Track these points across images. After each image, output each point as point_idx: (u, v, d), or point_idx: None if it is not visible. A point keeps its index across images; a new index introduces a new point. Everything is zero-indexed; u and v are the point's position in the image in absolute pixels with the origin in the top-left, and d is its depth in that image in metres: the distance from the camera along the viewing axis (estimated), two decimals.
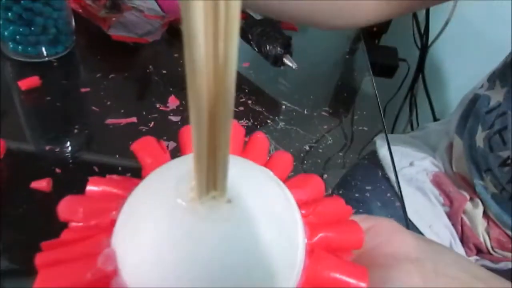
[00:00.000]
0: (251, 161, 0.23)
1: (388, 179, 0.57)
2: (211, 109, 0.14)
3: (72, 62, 0.57)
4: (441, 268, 0.26)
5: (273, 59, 0.59)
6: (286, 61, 0.59)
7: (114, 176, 0.25)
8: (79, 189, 0.24)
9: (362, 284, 0.22)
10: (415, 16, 1.04)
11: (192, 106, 0.14)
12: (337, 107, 0.61)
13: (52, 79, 0.53)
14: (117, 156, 0.46)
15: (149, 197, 0.19)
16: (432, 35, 1.01)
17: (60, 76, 0.54)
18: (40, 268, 0.19)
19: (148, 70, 0.58)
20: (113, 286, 0.18)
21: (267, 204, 0.19)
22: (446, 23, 0.96)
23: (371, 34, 1.07)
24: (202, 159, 0.16)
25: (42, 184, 0.39)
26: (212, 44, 0.12)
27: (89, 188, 0.24)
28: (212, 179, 0.17)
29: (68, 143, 0.46)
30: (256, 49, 0.61)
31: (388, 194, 0.56)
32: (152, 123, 0.51)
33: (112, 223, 0.21)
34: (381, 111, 0.62)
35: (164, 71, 0.58)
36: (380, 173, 0.58)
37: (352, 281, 0.22)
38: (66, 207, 0.22)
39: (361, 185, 0.53)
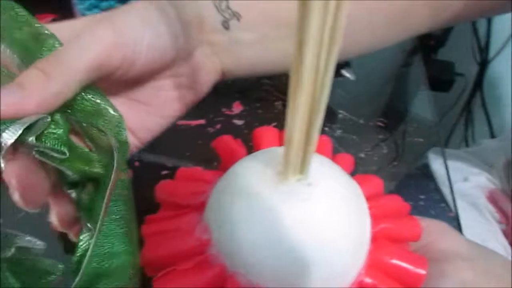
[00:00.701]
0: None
1: (441, 192, 0.58)
2: (308, 105, 0.17)
3: None
4: (492, 268, 0.27)
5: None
6: (344, 72, 0.62)
7: (199, 168, 0.29)
8: (155, 183, 0.27)
9: (421, 271, 0.24)
10: (475, 31, 1.03)
11: (292, 100, 0.17)
12: (392, 118, 0.63)
13: None
14: (188, 154, 0.50)
15: (238, 180, 0.22)
16: (493, 50, 0.99)
17: None
18: (146, 237, 0.23)
19: None
20: (209, 252, 0.22)
21: (341, 190, 0.22)
22: (508, 39, 0.95)
23: (428, 47, 1.07)
24: (294, 147, 0.19)
25: None
26: (318, 50, 0.15)
27: (180, 175, 0.28)
28: (298, 164, 0.20)
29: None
30: None
31: (442, 205, 0.56)
32: (219, 125, 0.55)
33: (203, 204, 0.25)
34: (436, 125, 0.63)
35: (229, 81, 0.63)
36: (433, 186, 0.58)
37: (411, 267, 0.24)
38: (161, 190, 0.26)
39: (415, 194, 0.54)
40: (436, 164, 0.60)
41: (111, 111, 0.23)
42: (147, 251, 0.22)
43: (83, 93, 0.21)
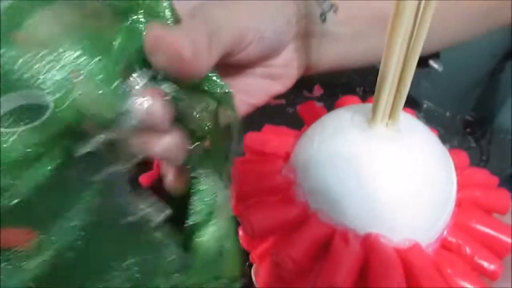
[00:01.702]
0: None
1: None
2: (406, 42, 0.18)
3: None
4: None
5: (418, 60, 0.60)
6: (432, 63, 0.60)
7: (284, 127, 0.30)
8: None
9: (508, 240, 0.23)
10: None
11: (388, 48, 0.18)
12: (482, 114, 0.60)
13: None
14: None
15: (326, 126, 0.23)
16: None
17: None
18: (235, 174, 0.25)
19: None
20: (293, 191, 0.23)
21: (431, 142, 0.22)
22: None
23: None
24: (385, 90, 0.20)
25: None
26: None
27: (266, 130, 0.29)
28: (388, 109, 0.21)
29: None
30: None
31: None
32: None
33: (288, 154, 0.26)
34: None
35: None
36: None
37: (497, 235, 0.23)
38: (249, 139, 0.28)
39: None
40: None
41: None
42: (237, 185, 0.23)
43: None
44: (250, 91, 0.26)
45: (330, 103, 0.60)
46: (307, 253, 0.20)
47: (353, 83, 0.61)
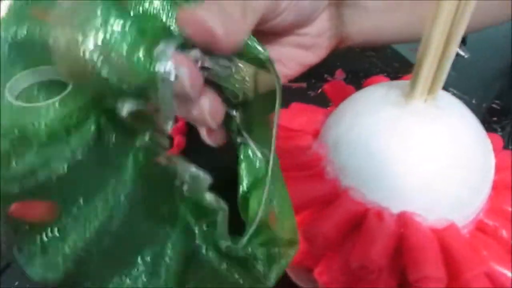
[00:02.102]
0: None
1: None
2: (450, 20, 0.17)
3: None
4: None
5: None
6: (458, 49, 0.58)
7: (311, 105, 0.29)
8: None
9: None
10: None
11: (434, 14, 0.17)
12: (508, 102, 0.58)
13: None
14: None
15: (359, 102, 0.23)
16: None
17: None
18: None
19: None
20: (323, 167, 0.22)
21: (470, 120, 0.21)
22: None
23: None
24: (427, 62, 0.19)
25: None
26: None
27: (293, 107, 0.29)
28: (428, 84, 0.20)
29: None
30: None
31: None
32: (320, 90, 0.55)
33: (317, 131, 0.25)
34: None
35: None
36: None
37: None
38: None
39: None
40: None
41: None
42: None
43: None
44: (283, 60, 0.25)
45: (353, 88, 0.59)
46: (339, 229, 0.20)
47: (376, 69, 0.60)
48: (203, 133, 0.21)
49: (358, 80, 0.58)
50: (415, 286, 0.18)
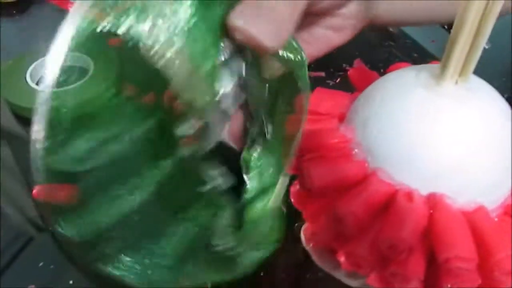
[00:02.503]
0: None
1: None
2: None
3: None
4: None
5: None
6: None
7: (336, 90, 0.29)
8: None
9: None
10: None
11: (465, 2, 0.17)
12: None
13: None
14: None
15: (388, 84, 0.22)
16: None
17: None
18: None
19: None
20: (351, 149, 0.22)
21: (501, 103, 0.21)
22: None
23: None
24: (460, 43, 0.19)
25: None
26: None
27: (317, 92, 0.29)
28: (460, 66, 0.20)
29: None
30: (446, 27, 0.60)
31: None
32: (338, 79, 0.55)
33: (343, 114, 0.25)
34: None
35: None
36: None
37: None
38: (300, 100, 0.27)
39: None
40: None
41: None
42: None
43: None
44: (312, 41, 0.25)
45: None
46: (368, 209, 0.20)
47: (394, 59, 0.60)
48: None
49: (377, 70, 0.57)
50: (445, 266, 0.18)
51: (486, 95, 0.21)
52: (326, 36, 0.26)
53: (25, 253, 0.35)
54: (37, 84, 0.40)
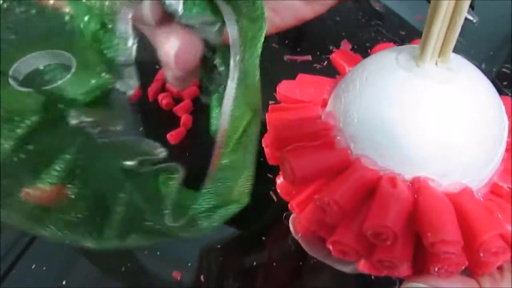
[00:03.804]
0: None
1: None
2: None
3: None
4: None
5: None
6: (466, 14, 0.57)
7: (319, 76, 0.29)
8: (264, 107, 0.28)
9: None
10: None
11: None
12: None
13: None
14: None
15: (368, 67, 0.22)
16: None
17: None
18: (270, 121, 0.24)
19: (321, 16, 0.61)
20: (334, 136, 0.22)
21: (483, 82, 0.21)
22: None
23: None
24: (437, 25, 0.18)
25: None
26: None
27: (299, 79, 0.28)
28: (439, 46, 0.19)
29: None
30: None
31: None
32: (326, 62, 0.54)
33: (325, 101, 0.25)
34: None
35: (338, 18, 0.61)
36: None
37: None
38: (283, 88, 0.27)
39: None
40: None
41: None
42: (274, 131, 0.23)
43: None
44: (279, 10, 0.25)
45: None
46: (352, 197, 0.20)
47: (382, 38, 0.59)
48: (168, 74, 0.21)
49: (364, 50, 0.57)
50: (431, 250, 0.18)
51: (468, 74, 0.21)
52: (296, 7, 0.25)
53: (19, 256, 0.35)
54: (20, 84, 0.40)
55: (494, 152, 0.21)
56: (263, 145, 0.24)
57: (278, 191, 0.25)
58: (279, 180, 0.25)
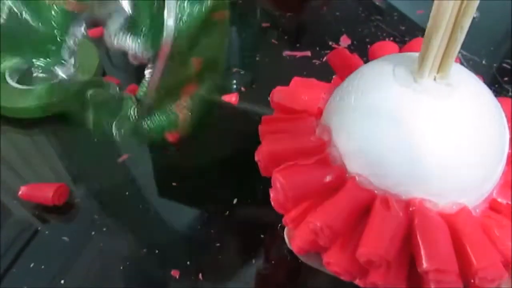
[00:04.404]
0: None
1: None
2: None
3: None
4: None
5: None
6: None
7: (314, 79, 0.28)
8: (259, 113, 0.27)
9: None
10: None
11: None
12: None
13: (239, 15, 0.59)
14: None
15: (364, 80, 0.21)
16: None
17: (243, 14, 0.60)
18: (264, 134, 0.23)
19: (321, 12, 0.60)
20: (328, 153, 0.21)
21: (483, 97, 0.20)
22: None
23: None
24: (436, 40, 0.17)
25: (231, 99, 0.45)
26: None
27: (294, 83, 0.27)
28: (438, 61, 0.18)
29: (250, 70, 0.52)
30: None
31: None
32: (325, 58, 0.53)
33: (320, 110, 0.24)
34: None
35: (338, 13, 0.60)
36: None
37: None
38: (277, 95, 0.26)
39: None
40: None
41: None
42: (267, 146, 0.22)
43: None
44: None
45: (359, 55, 0.57)
46: (346, 219, 0.19)
47: (382, 34, 0.58)
48: None
49: (364, 45, 0.55)
50: (426, 277, 0.17)
51: (468, 89, 0.20)
52: None
53: (17, 255, 0.35)
54: (17, 82, 0.39)
55: (493, 169, 0.20)
56: (256, 159, 0.24)
57: (272, 203, 0.24)
58: (273, 193, 0.24)
